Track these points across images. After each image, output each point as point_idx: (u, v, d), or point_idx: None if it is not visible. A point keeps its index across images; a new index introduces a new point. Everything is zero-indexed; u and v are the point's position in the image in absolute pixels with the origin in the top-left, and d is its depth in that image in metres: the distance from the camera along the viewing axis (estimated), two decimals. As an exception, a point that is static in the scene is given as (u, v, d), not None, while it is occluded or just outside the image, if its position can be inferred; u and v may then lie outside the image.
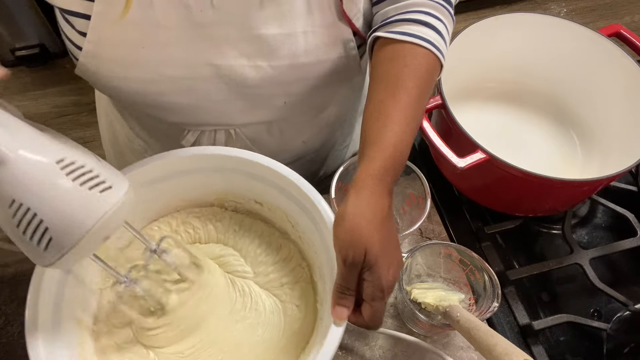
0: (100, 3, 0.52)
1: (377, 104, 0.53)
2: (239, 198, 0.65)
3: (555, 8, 2.24)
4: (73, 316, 0.53)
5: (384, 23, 0.57)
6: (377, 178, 0.48)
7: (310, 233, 0.59)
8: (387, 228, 0.48)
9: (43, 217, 0.39)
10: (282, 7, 0.54)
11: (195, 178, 0.62)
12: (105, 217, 0.41)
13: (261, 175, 0.59)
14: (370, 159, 0.49)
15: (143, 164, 0.58)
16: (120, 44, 0.55)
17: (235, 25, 0.55)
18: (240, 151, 0.59)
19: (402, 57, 0.54)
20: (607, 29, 0.76)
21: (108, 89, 0.61)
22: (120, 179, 0.44)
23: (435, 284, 0.61)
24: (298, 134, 0.72)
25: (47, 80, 1.96)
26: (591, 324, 0.65)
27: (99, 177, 0.42)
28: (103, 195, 0.42)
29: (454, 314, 0.52)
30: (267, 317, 0.58)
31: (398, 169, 0.51)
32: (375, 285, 0.46)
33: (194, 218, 0.65)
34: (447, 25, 0.58)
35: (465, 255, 0.59)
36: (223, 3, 0.53)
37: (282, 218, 0.63)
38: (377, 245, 0.46)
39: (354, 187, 0.48)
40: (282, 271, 0.62)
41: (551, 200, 0.72)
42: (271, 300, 0.60)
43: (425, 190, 0.63)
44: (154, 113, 0.67)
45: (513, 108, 0.86)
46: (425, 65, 0.54)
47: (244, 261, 0.63)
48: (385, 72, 0.54)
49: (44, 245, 0.40)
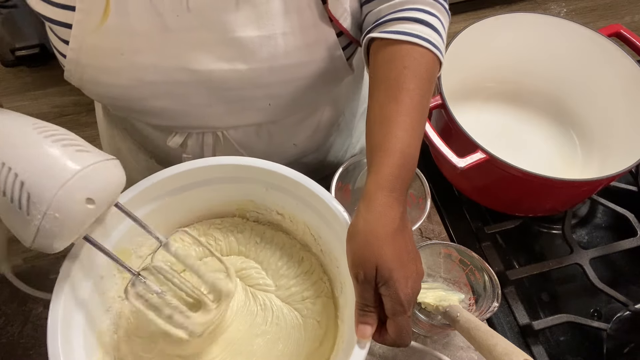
0: (80, 12, 0.53)
1: (379, 109, 0.52)
2: (260, 209, 0.64)
3: (555, 8, 2.24)
4: (94, 325, 0.53)
5: (378, 23, 0.56)
6: (386, 189, 0.48)
7: (332, 246, 0.58)
8: (400, 240, 0.47)
9: (18, 171, 0.40)
10: (258, 9, 0.54)
11: (215, 188, 0.61)
12: (83, 174, 0.42)
13: (280, 184, 0.59)
14: (377, 169, 0.49)
15: (161, 175, 0.57)
16: (100, 52, 0.56)
17: (212, 28, 0.55)
18: (257, 161, 0.58)
19: (401, 59, 0.53)
20: (607, 29, 0.77)
21: (94, 94, 0.62)
22: (102, 154, 0.46)
23: (435, 284, 0.61)
24: (288, 136, 0.72)
25: (47, 80, 1.96)
26: (591, 324, 0.65)
27: (76, 141, 0.44)
28: (80, 154, 0.43)
29: (454, 314, 0.52)
30: (288, 332, 0.57)
31: (408, 175, 0.50)
32: (394, 300, 0.45)
33: (216, 229, 0.65)
34: (443, 22, 0.57)
35: (465, 255, 0.59)
36: (198, 6, 0.53)
37: (303, 230, 0.62)
38: (389, 259, 0.45)
39: (363, 201, 0.48)
40: (303, 285, 0.61)
41: (551, 200, 0.72)
42: (292, 314, 0.59)
43: (425, 190, 0.63)
44: (139, 117, 0.68)
45: (513, 108, 0.86)
46: (425, 65, 0.53)
47: (265, 274, 0.62)
48: (384, 76, 0.53)
49: (25, 204, 0.41)
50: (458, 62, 0.72)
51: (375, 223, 0.46)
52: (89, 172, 0.42)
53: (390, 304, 0.45)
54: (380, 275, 0.45)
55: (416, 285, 0.47)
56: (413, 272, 0.47)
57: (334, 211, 0.55)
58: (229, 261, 0.63)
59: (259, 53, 0.56)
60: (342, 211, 0.54)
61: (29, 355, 0.63)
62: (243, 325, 0.58)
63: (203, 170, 0.59)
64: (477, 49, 0.77)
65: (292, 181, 0.57)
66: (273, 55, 0.56)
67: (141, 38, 0.54)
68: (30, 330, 0.64)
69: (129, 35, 0.54)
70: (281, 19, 0.55)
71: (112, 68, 0.57)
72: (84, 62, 0.56)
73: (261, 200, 0.63)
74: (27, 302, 0.66)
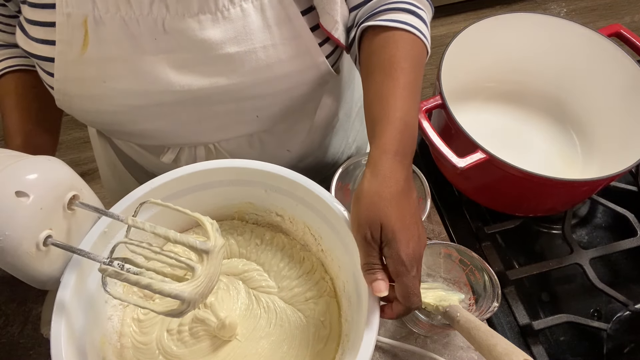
0: (60, 43, 0.54)
1: (375, 88, 0.54)
2: (259, 210, 0.64)
3: (555, 8, 2.24)
4: (96, 333, 0.53)
5: (370, 14, 0.58)
6: (390, 152, 0.49)
7: (333, 245, 0.58)
8: (405, 202, 0.48)
9: None
10: (235, 24, 0.54)
11: (214, 192, 0.61)
12: (8, 170, 0.43)
13: (279, 186, 0.59)
14: (379, 136, 0.50)
15: (160, 180, 0.57)
16: (84, 81, 0.56)
17: (191, 49, 0.55)
18: (256, 163, 0.58)
19: (394, 42, 0.56)
20: (607, 29, 0.77)
21: (86, 121, 0.64)
22: (35, 156, 0.47)
23: (435, 284, 0.61)
24: (281, 143, 0.72)
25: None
26: (591, 324, 0.65)
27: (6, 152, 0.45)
28: (2, 155, 0.44)
29: (454, 314, 0.52)
30: (292, 333, 0.57)
31: (409, 141, 0.52)
32: (395, 260, 0.46)
33: None
34: (428, 16, 0.61)
35: (465, 255, 0.59)
36: (175, 27, 0.53)
37: (303, 230, 0.62)
38: (393, 219, 0.47)
39: (368, 166, 0.49)
40: (306, 285, 0.61)
41: (551, 200, 0.72)
42: (296, 315, 0.59)
43: (425, 190, 0.63)
44: (132, 139, 0.69)
45: (513, 108, 0.86)
46: (417, 50, 0.56)
47: (267, 276, 0.62)
48: (379, 59, 0.56)
49: None
50: (458, 62, 0.72)
51: (381, 185, 0.48)
52: (14, 168, 0.42)
53: (393, 265, 0.47)
54: (384, 235, 0.47)
55: (417, 247, 0.48)
56: (415, 235, 0.48)
57: (334, 210, 0.55)
58: (231, 264, 0.63)
59: (240, 68, 0.57)
60: (342, 210, 0.54)
61: (29, 355, 0.63)
62: (247, 328, 0.58)
63: (202, 174, 0.58)
64: (477, 49, 0.77)
65: (291, 182, 0.57)
66: (255, 68, 0.57)
67: (121, 64, 0.55)
68: (30, 330, 0.64)
69: (108, 62, 0.55)
70: (260, 33, 0.55)
71: (96, 95, 0.57)
72: (71, 92, 0.57)
73: (260, 202, 0.63)
74: (27, 302, 0.67)
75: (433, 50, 0.60)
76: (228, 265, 0.63)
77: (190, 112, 0.60)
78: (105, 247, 0.54)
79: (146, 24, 0.53)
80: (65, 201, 0.48)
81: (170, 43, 0.54)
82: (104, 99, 0.57)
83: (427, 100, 0.67)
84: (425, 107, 0.66)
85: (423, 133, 0.65)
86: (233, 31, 0.55)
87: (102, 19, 0.52)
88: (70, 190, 0.49)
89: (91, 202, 0.51)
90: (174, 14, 0.53)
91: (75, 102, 0.59)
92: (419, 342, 0.63)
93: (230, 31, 0.54)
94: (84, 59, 0.55)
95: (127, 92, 0.57)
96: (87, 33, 0.53)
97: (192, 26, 0.53)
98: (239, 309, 0.59)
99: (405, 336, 0.63)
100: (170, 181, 0.57)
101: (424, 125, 0.64)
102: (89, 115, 0.61)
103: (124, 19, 0.52)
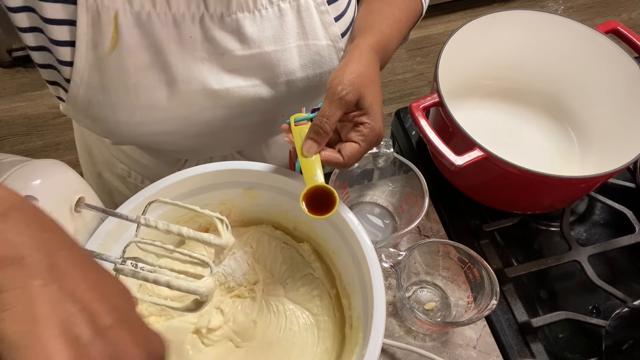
0: (86, 42, 0.51)
1: (368, 8, 0.61)
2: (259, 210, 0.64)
3: (553, 5, 2.24)
4: None
5: None
6: (373, 49, 0.54)
7: (334, 242, 0.58)
8: (378, 92, 0.52)
9: None
10: (272, 23, 0.56)
11: (215, 195, 0.60)
12: (15, 174, 0.43)
13: (278, 186, 0.59)
14: (366, 36, 0.55)
15: (166, 181, 0.56)
16: (107, 89, 0.54)
17: (231, 48, 0.55)
18: (240, 163, 0.58)
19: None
20: (604, 26, 0.76)
21: (103, 131, 0.60)
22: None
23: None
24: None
25: (44, 81, 1.95)
26: (590, 320, 0.65)
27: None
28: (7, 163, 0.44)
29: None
30: (302, 334, 0.57)
31: (387, 55, 0.58)
32: (372, 127, 0.50)
33: None
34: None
35: (464, 253, 0.59)
36: (213, 25, 0.53)
37: (308, 234, 0.63)
38: (372, 94, 0.50)
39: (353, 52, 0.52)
40: (312, 284, 0.61)
41: (549, 198, 0.72)
42: (304, 315, 0.58)
43: (423, 188, 0.63)
44: (151, 150, 0.68)
45: (510, 105, 0.86)
46: (413, 1, 0.63)
47: (272, 278, 0.62)
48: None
49: None
50: (455, 60, 0.72)
51: (365, 67, 0.51)
52: (20, 173, 0.42)
53: (368, 129, 0.50)
54: (362, 104, 0.50)
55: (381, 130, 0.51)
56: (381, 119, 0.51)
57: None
58: None
59: (276, 69, 0.58)
60: (343, 207, 0.54)
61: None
62: (258, 335, 0.57)
63: (201, 177, 0.58)
64: (474, 46, 0.77)
65: (285, 180, 0.57)
66: (290, 69, 0.58)
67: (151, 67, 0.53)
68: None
69: (138, 71, 0.53)
70: (295, 33, 0.58)
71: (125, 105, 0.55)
72: (92, 100, 0.55)
73: (260, 201, 0.62)
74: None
75: (430, 49, 0.60)
76: None
77: (221, 117, 0.59)
78: (111, 248, 0.53)
79: (185, 22, 0.52)
80: (72, 204, 0.48)
81: (210, 43, 0.54)
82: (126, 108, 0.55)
83: (424, 98, 0.67)
84: (422, 105, 0.66)
85: (420, 131, 0.65)
86: (271, 29, 0.56)
87: (138, 14, 0.50)
88: (77, 193, 0.49)
89: (94, 204, 0.50)
90: (212, 12, 0.52)
91: (96, 112, 0.56)
92: (417, 341, 0.63)
93: (268, 29, 0.55)
94: (109, 65, 0.52)
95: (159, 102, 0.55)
96: (116, 28, 0.50)
97: (231, 25, 0.53)
98: (249, 315, 0.58)
99: (404, 335, 0.63)
100: (171, 184, 0.57)
101: (422, 123, 0.64)
102: (110, 125, 0.58)
103: (160, 16, 0.51)
